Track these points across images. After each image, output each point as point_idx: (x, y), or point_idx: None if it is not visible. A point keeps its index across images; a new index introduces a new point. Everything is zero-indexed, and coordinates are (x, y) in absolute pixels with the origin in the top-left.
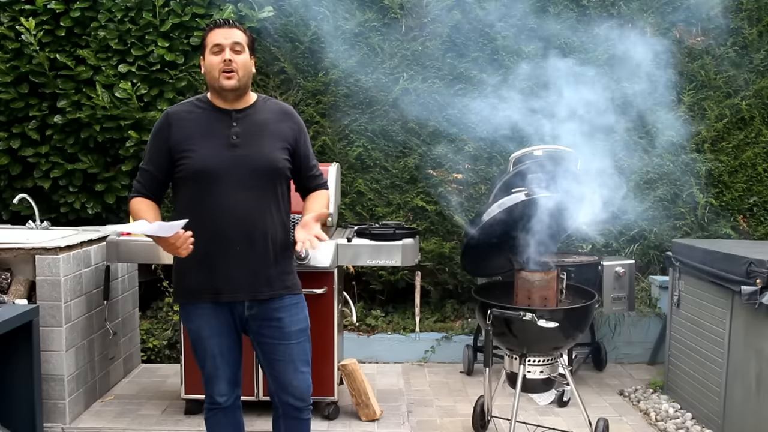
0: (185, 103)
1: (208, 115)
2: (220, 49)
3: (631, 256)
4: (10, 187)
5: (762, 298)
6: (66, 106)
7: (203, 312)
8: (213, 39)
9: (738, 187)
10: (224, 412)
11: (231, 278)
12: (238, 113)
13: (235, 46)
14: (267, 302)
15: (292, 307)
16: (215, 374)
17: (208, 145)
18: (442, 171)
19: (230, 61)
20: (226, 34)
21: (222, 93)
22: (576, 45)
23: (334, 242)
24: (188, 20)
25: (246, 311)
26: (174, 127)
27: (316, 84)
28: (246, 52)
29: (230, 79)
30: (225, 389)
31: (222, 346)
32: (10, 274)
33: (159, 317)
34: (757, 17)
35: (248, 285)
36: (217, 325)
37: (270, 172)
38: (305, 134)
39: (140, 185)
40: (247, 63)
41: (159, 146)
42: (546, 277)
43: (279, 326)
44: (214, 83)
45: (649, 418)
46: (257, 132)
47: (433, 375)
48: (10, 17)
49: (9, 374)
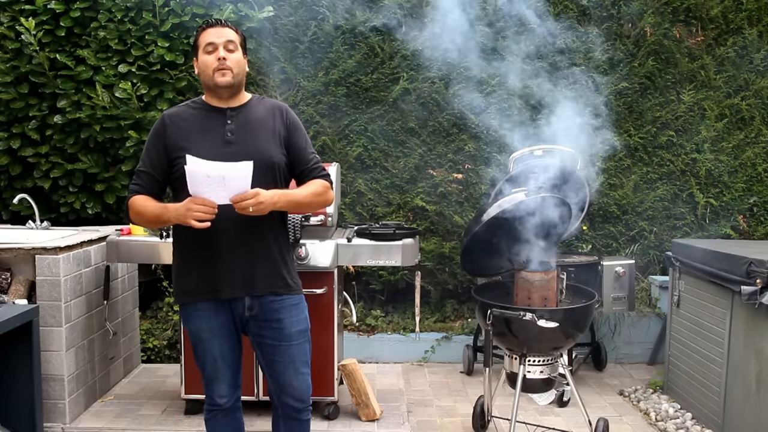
0: (180, 105)
1: (203, 114)
2: (213, 48)
3: (631, 256)
4: (10, 187)
5: (762, 298)
6: (66, 106)
7: (203, 313)
8: (206, 38)
9: (738, 187)
10: (224, 413)
11: (230, 276)
12: (233, 111)
13: (228, 45)
14: (267, 302)
15: (293, 307)
16: (215, 376)
17: (203, 143)
18: (442, 171)
19: (224, 59)
20: (219, 33)
21: (217, 91)
22: (575, 46)
23: (334, 242)
24: (188, 20)
25: (246, 311)
26: (169, 128)
27: (316, 84)
28: (239, 50)
29: (225, 76)
30: (225, 391)
31: (222, 348)
32: (10, 274)
33: (159, 317)
34: (757, 17)
35: (247, 281)
36: (218, 326)
37: (266, 167)
38: (300, 128)
39: (138, 186)
40: (241, 61)
41: (156, 147)
42: (546, 277)
43: (279, 327)
44: (208, 81)
45: (649, 418)
46: (252, 128)
47: (433, 375)
48: (10, 17)
49: (9, 374)
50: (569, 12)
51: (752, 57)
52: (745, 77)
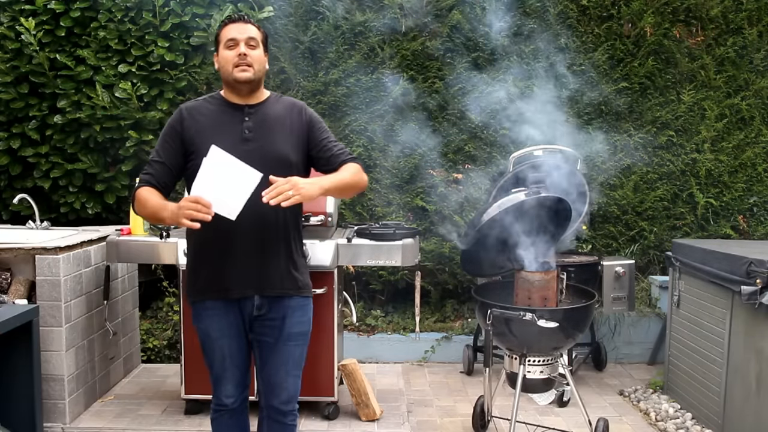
0: (198, 100)
1: (221, 110)
2: (234, 44)
3: (631, 256)
4: (10, 187)
5: (762, 298)
6: (66, 106)
7: (213, 312)
8: (227, 34)
9: (738, 187)
10: (231, 413)
11: (241, 274)
12: (251, 108)
13: (249, 41)
14: (275, 301)
15: (299, 308)
16: (223, 376)
17: (220, 140)
18: (442, 171)
19: (245, 55)
20: (241, 29)
21: (236, 87)
22: (573, 46)
23: (334, 242)
24: (188, 20)
25: (255, 311)
26: (187, 121)
27: (316, 84)
28: (260, 47)
29: (244, 72)
30: (232, 391)
31: (231, 348)
32: (10, 274)
33: (159, 317)
34: (757, 17)
35: (258, 281)
36: (227, 326)
37: (282, 166)
38: (318, 122)
39: (149, 176)
40: (261, 58)
41: (172, 138)
42: (546, 277)
43: (280, 326)
44: (228, 77)
45: (649, 418)
46: (269, 126)
47: (433, 375)
48: (10, 17)
49: (9, 374)
50: (569, 12)
51: (752, 57)
52: (745, 77)
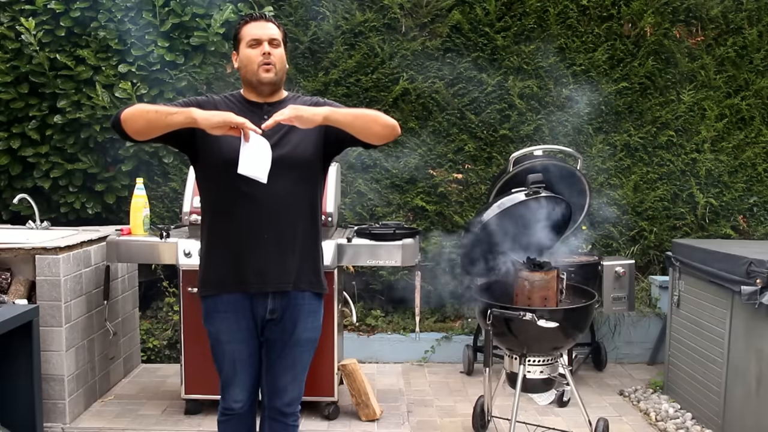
0: (220, 95)
1: (240, 108)
2: (257, 43)
3: (631, 256)
4: (10, 187)
5: (762, 298)
6: (66, 106)
7: (225, 315)
8: (250, 32)
9: (738, 187)
10: (239, 418)
11: (258, 269)
12: (270, 106)
13: (272, 41)
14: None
15: (311, 314)
16: (233, 380)
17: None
18: (442, 171)
19: (269, 54)
20: (263, 28)
21: (259, 87)
22: (574, 46)
23: (335, 242)
24: (188, 20)
25: (268, 315)
26: (207, 106)
27: (316, 84)
28: (282, 46)
29: (269, 72)
30: (240, 395)
31: (242, 353)
32: (10, 274)
33: (159, 317)
34: (757, 17)
35: (275, 276)
36: (238, 330)
37: (300, 164)
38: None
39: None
40: (283, 57)
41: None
42: (546, 277)
43: (291, 331)
44: (251, 77)
45: (649, 418)
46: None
47: (433, 375)
48: (10, 17)
49: (9, 374)
50: (569, 12)
51: (752, 57)
52: (745, 77)
